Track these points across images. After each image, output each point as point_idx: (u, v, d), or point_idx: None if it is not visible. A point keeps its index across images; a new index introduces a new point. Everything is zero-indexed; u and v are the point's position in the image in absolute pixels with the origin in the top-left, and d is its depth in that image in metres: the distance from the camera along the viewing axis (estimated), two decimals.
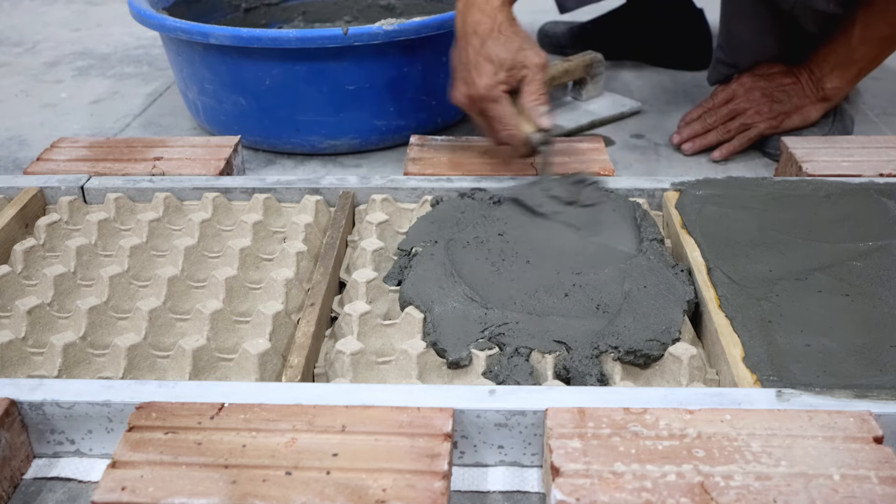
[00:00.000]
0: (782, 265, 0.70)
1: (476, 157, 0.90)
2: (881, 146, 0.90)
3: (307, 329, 0.64)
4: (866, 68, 0.98)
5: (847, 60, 0.97)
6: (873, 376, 0.57)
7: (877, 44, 0.94)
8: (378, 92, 1.04)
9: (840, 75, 0.99)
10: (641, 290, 0.67)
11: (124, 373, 0.62)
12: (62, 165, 0.90)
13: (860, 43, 0.95)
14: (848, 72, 0.98)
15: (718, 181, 0.82)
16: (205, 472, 0.48)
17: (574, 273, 0.69)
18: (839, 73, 0.98)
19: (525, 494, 0.55)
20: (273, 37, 0.96)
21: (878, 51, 0.96)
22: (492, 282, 0.69)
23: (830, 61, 0.98)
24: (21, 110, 1.31)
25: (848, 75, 0.98)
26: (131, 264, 0.75)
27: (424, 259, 0.72)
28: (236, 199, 0.85)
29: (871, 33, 0.93)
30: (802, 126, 1.03)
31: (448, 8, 1.16)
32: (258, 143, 1.11)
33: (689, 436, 0.50)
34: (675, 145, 1.09)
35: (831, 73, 0.99)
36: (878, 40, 0.94)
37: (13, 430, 0.55)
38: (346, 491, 0.47)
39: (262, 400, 0.54)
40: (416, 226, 0.78)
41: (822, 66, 0.99)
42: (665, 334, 0.62)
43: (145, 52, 1.60)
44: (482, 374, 0.61)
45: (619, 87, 1.31)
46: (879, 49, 0.95)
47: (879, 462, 0.48)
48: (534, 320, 0.64)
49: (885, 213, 0.76)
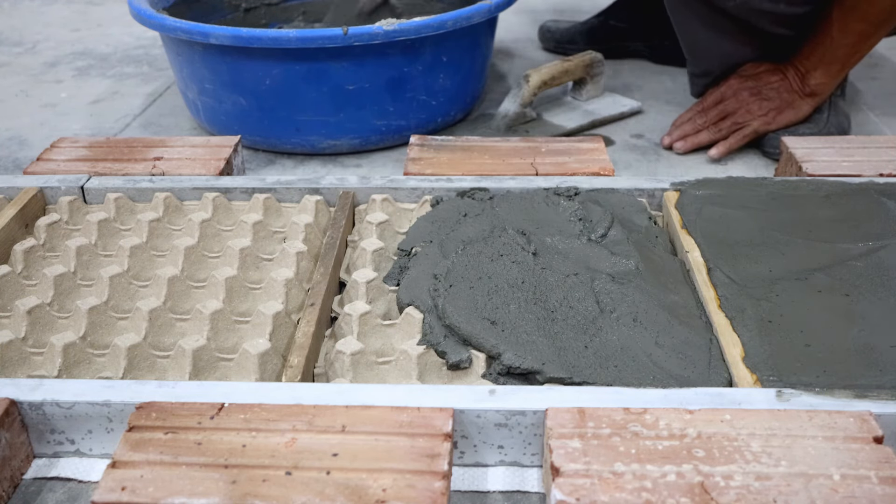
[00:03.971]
0: (782, 265, 0.70)
1: (476, 157, 0.90)
2: (881, 146, 0.90)
3: (307, 329, 0.64)
4: (849, 63, 1.00)
5: (829, 57, 0.99)
6: (873, 376, 0.57)
7: (855, 39, 0.96)
8: (378, 92, 1.04)
9: (824, 71, 1.00)
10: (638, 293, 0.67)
11: (124, 373, 0.62)
12: (62, 165, 0.90)
13: (839, 40, 0.96)
14: (832, 67, 1.00)
15: (718, 181, 0.82)
16: (205, 472, 0.48)
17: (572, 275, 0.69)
18: (823, 69, 1.00)
19: (525, 494, 0.55)
20: (273, 37, 0.96)
21: (858, 46, 0.97)
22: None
23: (813, 58, 1.00)
24: (21, 110, 1.31)
25: (832, 70, 1.00)
26: (131, 264, 0.75)
27: (421, 260, 0.72)
28: (236, 199, 0.85)
29: (847, 29, 0.95)
30: (796, 121, 1.04)
31: (448, 8, 1.17)
32: (258, 143, 1.11)
33: (689, 436, 0.50)
34: (665, 146, 1.09)
35: (815, 69, 1.01)
36: (856, 35, 0.96)
37: (13, 430, 0.55)
38: (346, 491, 0.47)
39: (262, 400, 0.54)
40: (415, 226, 0.78)
41: (805, 63, 1.01)
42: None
43: (145, 52, 1.60)
44: (481, 376, 0.61)
45: (619, 87, 1.31)
46: (858, 44, 0.97)
47: (879, 462, 0.48)
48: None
49: (885, 213, 0.76)
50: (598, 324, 0.64)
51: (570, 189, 0.81)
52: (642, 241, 0.75)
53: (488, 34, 1.17)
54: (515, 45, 1.55)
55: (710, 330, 0.64)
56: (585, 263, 0.71)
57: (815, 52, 0.99)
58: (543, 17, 1.56)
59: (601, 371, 0.60)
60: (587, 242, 0.74)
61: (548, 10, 1.50)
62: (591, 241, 0.74)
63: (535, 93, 1.13)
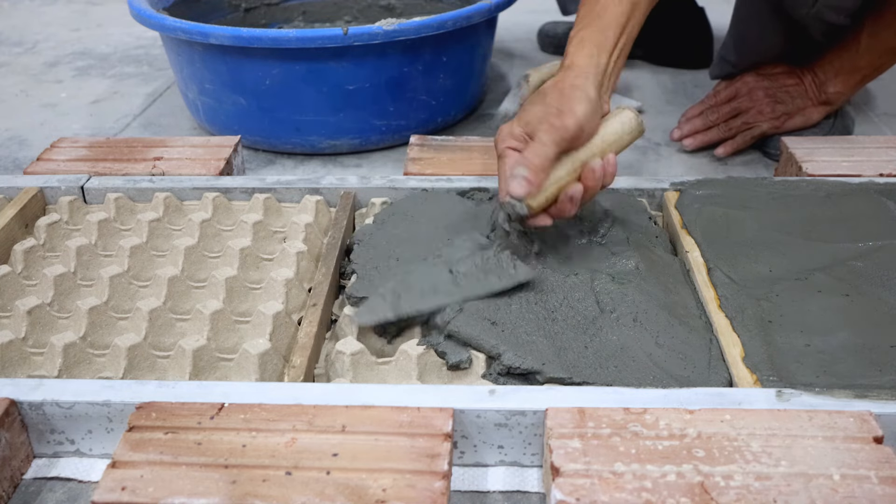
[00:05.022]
0: (782, 265, 0.70)
1: (476, 157, 0.90)
2: (881, 146, 0.90)
3: (310, 329, 0.64)
4: (870, 76, 0.99)
5: (851, 67, 0.97)
6: (873, 376, 0.57)
7: (882, 53, 0.95)
8: (378, 92, 1.04)
9: (843, 81, 0.99)
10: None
11: (124, 373, 0.62)
12: (62, 165, 0.90)
13: (866, 51, 0.95)
14: (851, 78, 0.99)
15: (718, 181, 0.82)
16: (205, 472, 0.48)
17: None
18: (843, 78, 0.99)
19: (525, 494, 0.55)
20: (273, 37, 0.96)
21: (883, 60, 0.96)
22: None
23: (835, 67, 0.99)
24: (21, 110, 1.31)
25: (851, 81, 0.99)
26: (131, 264, 0.75)
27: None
28: (236, 199, 0.85)
29: (877, 43, 0.94)
30: (804, 127, 1.03)
31: (448, 8, 1.17)
32: (258, 143, 1.11)
33: (689, 436, 0.50)
34: (675, 140, 1.08)
35: (835, 78, 0.99)
36: (884, 50, 0.94)
37: (13, 430, 0.55)
38: (346, 491, 0.47)
39: (262, 400, 0.54)
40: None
41: (826, 70, 1.00)
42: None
43: (145, 52, 1.60)
44: (481, 376, 0.61)
45: (619, 87, 1.31)
46: (884, 58, 0.96)
47: (879, 462, 0.48)
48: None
49: (885, 213, 0.76)
50: (598, 324, 0.64)
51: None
52: (642, 241, 0.75)
53: (488, 34, 1.17)
54: (515, 45, 1.55)
55: (710, 330, 0.64)
56: (585, 263, 0.71)
57: (838, 60, 0.98)
58: (543, 18, 1.56)
59: (601, 371, 0.60)
60: (587, 242, 0.74)
61: (548, 10, 1.50)
62: (592, 241, 0.74)
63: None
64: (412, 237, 0.74)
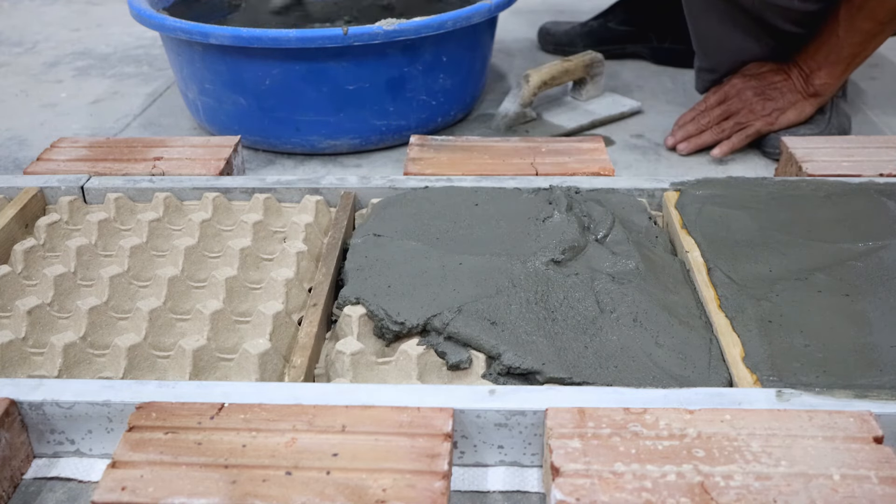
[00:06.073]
0: (782, 265, 0.70)
1: (476, 157, 0.90)
2: (881, 146, 0.90)
3: (310, 329, 0.64)
4: (854, 63, 0.99)
5: (835, 56, 0.98)
6: (873, 376, 0.57)
7: (862, 38, 0.96)
8: (378, 92, 1.04)
9: (829, 71, 1.00)
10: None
11: (124, 373, 0.62)
12: (62, 165, 0.90)
13: (846, 38, 0.96)
14: (836, 68, 0.99)
15: (718, 181, 0.82)
16: (205, 472, 0.48)
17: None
18: (828, 69, 0.99)
19: (525, 494, 0.55)
20: (273, 37, 0.96)
21: (864, 45, 0.97)
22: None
23: (818, 58, 1.00)
24: (21, 110, 1.31)
25: (836, 71, 0.99)
26: (131, 264, 0.75)
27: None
28: (236, 199, 0.85)
29: (854, 29, 0.95)
30: (798, 122, 1.03)
31: (448, 8, 1.17)
32: (258, 143, 1.11)
33: (689, 436, 0.50)
34: (669, 147, 1.09)
35: (820, 69, 1.00)
36: (862, 34, 0.95)
37: (13, 430, 0.55)
38: (346, 491, 0.47)
39: (262, 400, 0.54)
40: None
41: (810, 62, 1.01)
42: None
43: (145, 52, 1.60)
44: (481, 376, 0.61)
45: (619, 87, 1.31)
46: (864, 43, 0.96)
47: (879, 462, 0.48)
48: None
49: (885, 213, 0.76)
50: (599, 324, 0.64)
51: (569, 189, 0.81)
52: (642, 241, 0.75)
53: (488, 34, 1.17)
54: (515, 45, 1.55)
55: (710, 330, 0.64)
56: (585, 263, 0.71)
57: (820, 51, 0.99)
58: (543, 18, 1.56)
59: (601, 371, 0.60)
60: (587, 242, 0.74)
61: (548, 10, 1.51)
62: (592, 241, 0.74)
63: (535, 93, 1.13)
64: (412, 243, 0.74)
